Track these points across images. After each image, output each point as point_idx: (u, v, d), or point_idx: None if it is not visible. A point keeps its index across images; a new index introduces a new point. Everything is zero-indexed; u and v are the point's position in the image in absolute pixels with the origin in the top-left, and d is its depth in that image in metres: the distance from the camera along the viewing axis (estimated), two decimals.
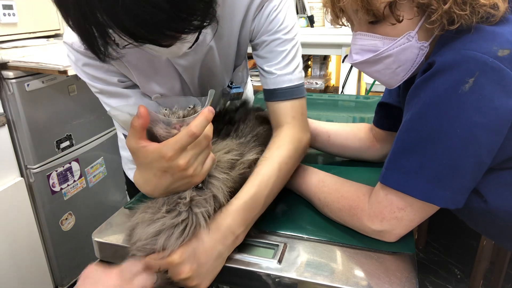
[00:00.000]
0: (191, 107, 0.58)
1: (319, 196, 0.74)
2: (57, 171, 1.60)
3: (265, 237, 0.69)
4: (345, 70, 2.06)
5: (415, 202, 0.61)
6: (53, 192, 1.60)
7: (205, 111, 0.55)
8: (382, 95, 0.92)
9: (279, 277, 0.61)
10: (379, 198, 0.64)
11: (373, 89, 2.05)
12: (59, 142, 1.60)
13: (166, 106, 0.59)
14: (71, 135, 1.65)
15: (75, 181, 1.70)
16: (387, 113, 0.88)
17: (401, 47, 0.63)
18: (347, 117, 1.31)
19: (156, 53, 0.64)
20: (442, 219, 2.21)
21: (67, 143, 1.64)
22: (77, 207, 1.73)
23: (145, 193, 0.60)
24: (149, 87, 0.77)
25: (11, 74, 1.38)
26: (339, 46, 2.02)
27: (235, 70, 0.88)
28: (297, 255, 0.64)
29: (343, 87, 2.10)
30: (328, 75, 2.53)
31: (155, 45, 0.51)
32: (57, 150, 1.60)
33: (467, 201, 0.60)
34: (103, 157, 1.85)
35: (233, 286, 0.69)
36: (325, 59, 2.50)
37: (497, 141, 0.57)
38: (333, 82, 2.71)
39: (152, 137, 0.56)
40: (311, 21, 2.19)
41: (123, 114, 0.57)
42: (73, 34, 0.57)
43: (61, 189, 1.64)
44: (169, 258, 0.56)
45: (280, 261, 0.63)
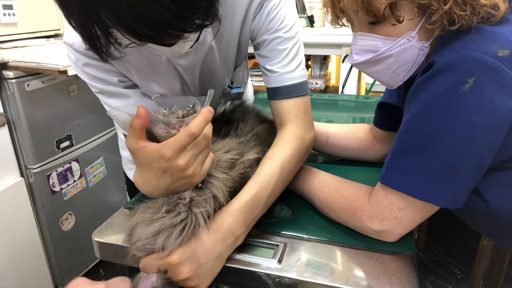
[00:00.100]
0: (190, 106, 0.58)
1: (319, 196, 0.74)
2: (57, 171, 1.60)
3: (265, 237, 0.69)
4: (345, 70, 2.06)
5: (415, 202, 0.61)
6: (53, 192, 1.60)
7: (205, 111, 0.55)
8: (382, 95, 0.92)
9: (279, 277, 0.61)
10: (379, 198, 0.64)
11: (373, 89, 2.04)
12: (59, 142, 1.60)
13: (165, 106, 0.59)
14: (71, 135, 1.65)
15: (75, 181, 1.70)
16: (387, 113, 0.88)
17: (402, 47, 0.63)
18: (347, 117, 1.31)
19: (157, 53, 0.63)
20: (442, 219, 2.21)
21: (67, 143, 1.64)
22: (77, 207, 1.73)
23: (145, 193, 0.60)
24: (149, 87, 0.77)
25: (11, 74, 1.38)
26: (339, 46, 2.02)
27: (235, 70, 0.88)
28: (297, 255, 0.64)
29: (343, 87, 2.09)
30: (328, 75, 2.53)
31: (158, 44, 0.51)
32: (57, 150, 1.60)
33: (467, 201, 0.60)
34: (103, 157, 1.85)
35: (233, 286, 0.69)
36: (325, 59, 2.50)
37: (497, 141, 0.57)
38: (333, 82, 2.71)
39: (151, 137, 0.56)
40: (311, 21, 2.19)
41: (122, 114, 0.57)
42: (73, 34, 0.57)
43: (61, 189, 1.64)
44: (169, 258, 0.56)
45: (280, 261, 0.63)
